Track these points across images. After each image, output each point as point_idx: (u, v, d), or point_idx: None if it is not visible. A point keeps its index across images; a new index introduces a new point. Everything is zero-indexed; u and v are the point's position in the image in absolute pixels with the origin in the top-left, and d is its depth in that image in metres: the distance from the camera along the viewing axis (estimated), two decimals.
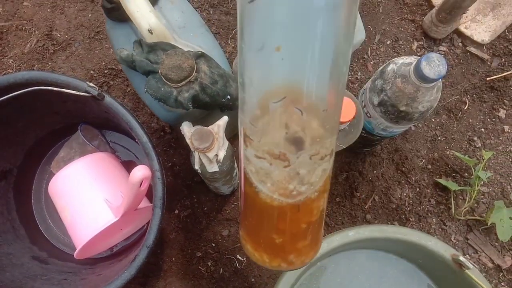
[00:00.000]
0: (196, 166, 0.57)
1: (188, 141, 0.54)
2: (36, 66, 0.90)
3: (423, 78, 0.52)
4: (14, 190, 0.78)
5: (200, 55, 0.54)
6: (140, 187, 0.60)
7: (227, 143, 0.59)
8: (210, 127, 0.55)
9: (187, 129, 0.55)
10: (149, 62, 0.53)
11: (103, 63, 0.90)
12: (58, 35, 0.92)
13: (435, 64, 0.51)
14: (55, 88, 0.57)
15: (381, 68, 0.61)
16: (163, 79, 0.52)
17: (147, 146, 0.60)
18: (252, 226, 0.41)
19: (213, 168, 0.56)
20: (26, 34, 0.92)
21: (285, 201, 0.36)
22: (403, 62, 0.57)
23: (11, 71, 0.90)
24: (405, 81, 0.55)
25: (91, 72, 0.90)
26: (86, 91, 0.59)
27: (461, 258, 0.56)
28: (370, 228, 0.59)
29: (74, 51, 0.91)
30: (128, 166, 0.81)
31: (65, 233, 0.79)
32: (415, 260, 0.64)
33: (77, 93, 0.58)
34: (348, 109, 0.49)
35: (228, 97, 0.56)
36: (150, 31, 0.54)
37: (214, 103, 0.56)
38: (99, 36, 0.92)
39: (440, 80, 0.54)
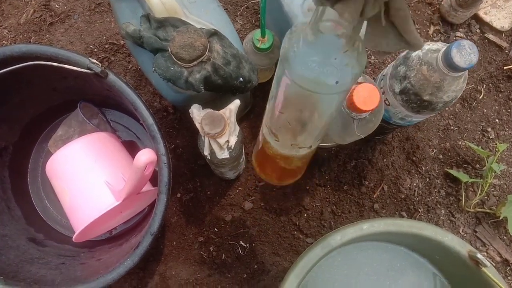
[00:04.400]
0: (206, 152, 0.54)
1: (197, 125, 0.51)
2: (32, 38, 0.85)
3: (453, 67, 0.48)
4: (10, 168, 0.74)
5: (213, 33, 0.50)
6: (144, 171, 0.57)
7: (238, 128, 0.55)
8: (221, 111, 0.52)
9: (196, 112, 0.51)
10: (158, 39, 0.49)
11: (104, 37, 0.86)
12: (57, 5, 0.87)
13: (466, 52, 0.47)
14: (55, 64, 0.53)
15: (404, 53, 0.57)
16: (173, 58, 0.48)
17: (153, 129, 0.57)
18: (262, 162, 0.72)
19: (223, 154, 0.53)
20: (22, 3, 0.87)
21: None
22: (430, 48, 0.53)
23: (6, 42, 0.85)
24: (431, 68, 0.52)
25: (91, 46, 0.85)
26: (88, 68, 0.55)
27: (478, 255, 0.53)
28: (385, 222, 0.56)
29: (73, 24, 0.86)
30: (129, 146, 0.77)
31: (63, 215, 0.76)
32: (427, 255, 0.62)
33: (79, 69, 0.54)
34: (373, 97, 0.45)
35: (241, 79, 0.53)
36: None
37: (226, 86, 0.52)
38: (100, 9, 0.87)
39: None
